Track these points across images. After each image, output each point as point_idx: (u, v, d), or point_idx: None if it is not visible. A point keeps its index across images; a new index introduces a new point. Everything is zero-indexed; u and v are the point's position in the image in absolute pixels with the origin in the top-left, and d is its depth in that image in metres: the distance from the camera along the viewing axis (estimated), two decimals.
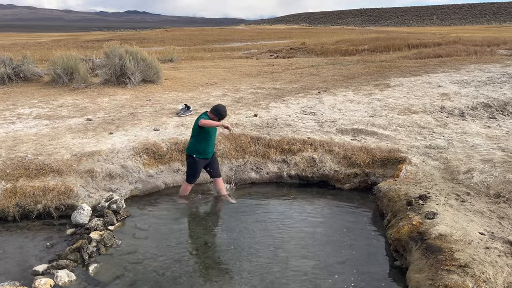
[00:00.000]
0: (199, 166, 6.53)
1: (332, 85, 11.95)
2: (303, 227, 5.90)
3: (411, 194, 5.75)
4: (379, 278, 4.78)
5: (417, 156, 6.95)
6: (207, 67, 17.16)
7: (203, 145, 6.39)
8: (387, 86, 11.23)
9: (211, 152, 6.56)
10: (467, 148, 7.04)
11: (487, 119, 8.61)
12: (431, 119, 8.55)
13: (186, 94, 11.47)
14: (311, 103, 9.99)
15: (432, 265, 4.28)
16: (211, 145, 6.48)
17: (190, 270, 4.93)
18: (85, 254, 4.94)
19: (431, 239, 4.57)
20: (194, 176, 6.63)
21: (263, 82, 13.12)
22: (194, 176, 6.64)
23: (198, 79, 13.83)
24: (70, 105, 10.33)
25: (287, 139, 7.88)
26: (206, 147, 6.41)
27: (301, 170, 7.45)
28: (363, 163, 7.24)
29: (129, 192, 6.82)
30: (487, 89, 10.06)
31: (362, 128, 8.26)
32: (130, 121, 8.87)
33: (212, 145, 6.52)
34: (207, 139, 6.40)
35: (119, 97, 11.16)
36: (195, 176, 6.64)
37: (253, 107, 9.87)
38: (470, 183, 5.80)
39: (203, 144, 6.38)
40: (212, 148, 6.54)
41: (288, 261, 5.12)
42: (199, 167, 6.53)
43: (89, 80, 12.57)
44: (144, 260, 5.10)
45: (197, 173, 6.62)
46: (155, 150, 7.49)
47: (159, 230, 5.80)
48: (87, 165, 6.88)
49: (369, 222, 6.08)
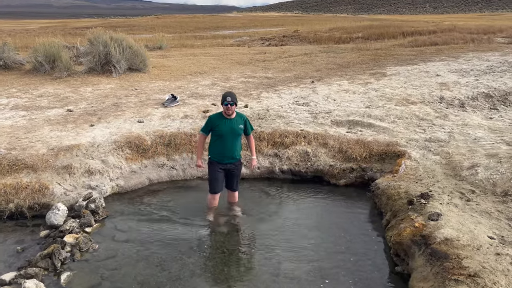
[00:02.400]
0: (215, 170, 5.53)
1: (326, 74, 11.49)
2: (296, 228, 5.49)
3: (412, 192, 5.36)
4: (378, 285, 4.40)
5: (417, 150, 6.56)
6: (197, 55, 16.60)
7: (217, 148, 5.51)
8: (383, 75, 10.81)
9: (230, 158, 5.53)
10: (469, 142, 6.65)
11: (488, 110, 8.23)
12: (430, 110, 8.15)
13: (174, 83, 10.96)
14: (304, 93, 9.54)
15: (438, 274, 3.90)
16: (227, 149, 5.47)
17: (173, 278, 4.50)
18: (57, 261, 4.49)
19: (436, 244, 4.19)
20: (211, 182, 5.61)
21: (254, 70, 12.63)
22: (211, 183, 5.62)
23: (187, 68, 13.29)
24: (50, 95, 9.78)
25: (279, 131, 7.45)
26: (221, 150, 5.48)
27: (294, 164, 7.03)
28: (359, 157, 6.83)
29: (110, 190, 6.36)
30: (487, 79, 9.67)
31: (358, 120, 7.84)
32: (113, 112, 8.37)
33: (229, 150, 5.48)
34: (220, 142, 5.46)
35: (103, 87, 10.62)
36: (212, 183, 5.61)
37: (243, 97, 9.40)
38: (474, 180, 5.42)
39: (217, 147, 5.50)
40: (230, 153, 5.50)
41: (280, 266, 4.72)
42: (215, 171, 5.53)
43: (72, 69, 11.99)
44: (123, 266, 4.66)
45: (215, 180, 5.57)
46: (138, 144, 7.02)
47: (141, 232, 5.36)
48: (64, 161, 6.40)
49: (366, 222, 5.69)
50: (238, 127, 5.47)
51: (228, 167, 5.56)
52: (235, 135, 5.47)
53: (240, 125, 5.48)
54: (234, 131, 5.45)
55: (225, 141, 5.43)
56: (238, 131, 5.49)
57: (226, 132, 5.40)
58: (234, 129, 5.44)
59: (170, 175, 6.93)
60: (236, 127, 5.45)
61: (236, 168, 5.67)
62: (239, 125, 5.48)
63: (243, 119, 5.59)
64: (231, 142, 5.46)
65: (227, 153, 5.48)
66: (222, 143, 5.45)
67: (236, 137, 5.49)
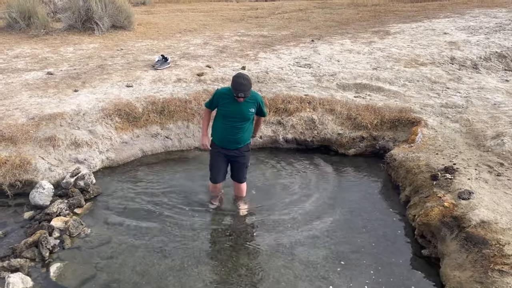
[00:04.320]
0: (216, 154, 4.72)
1: (325, 32, 10.76)
2: (307, 207, 5.03)
3: (434, 165, 4.90)
4: (405, 271, 4.00)
5: (433, 117, 6.06)
6: (184, 10, 15.55)
7: (219, 129, 4.61)
8: (387, 34, 10.14)
9: (233, 143, 4.61)
10: (489, 107, 6.18)
11: (503, 71, 7.72)
12: (442, 72, 7.60)
13: (162, 43, 10.13)
14: (305, 53, 8.87)
15: (476, 262, 3.50)
16: (230, 134, 4.54)
17: (177, 267, 4.04)
18: (44, 251, 3.97)
19: (472, 227, 3.77)
20: (211, 169, 4.83)
21: (248, 28, 11.81)
22: (211, 169, 4.83)
23: (175, 25, 12.37)
24: (27, 56, 8.92)
25: (282, 96, 6.85)
26: (223, 133, 4.59)
27: (299, 133, 6.50)
28: (370, 124, 6.32)
29: (100, 163, 5.77)
30: (498, 37, 9.11)
31: (366, 83, 7.26)
32: (99, 75, 7.63)
33: (232, 135, 4.55)
34: (223, 124, 4.55)
35: (86, 46, 9.75)
36: (212, 170, 4.83)
37: (239, 57, 8.70)
38: (501, 151, 4.98)
39: (219, 129, 4.61)
40: (233, 138, 4.57)
41: (294, 251, 4.29)
42: (216, 155, 4.73)
43: (50, 26, 11.00)
44: (120, 254, 4.17)
45: (215, 167, 4.78)
46: (129, 111, 6.37)
47: (137, 213, 4.83)
48: (47, 131, 5.75)
49: (382, 197, 5.26)
50: (249, 110, 4.47)
51: (232, 153, 4.66)
52: (242, 120, 4.49)
53: (251, 109, 4.48)
54: (242, 115, 4.47)
55: (229, 124, 4.50)
56: (247, 115, 4.49)
57: (232, 114, 4.46)
58: (243, 112, 4.46)
59: (165, 145, 6.35)
60: (245, 111, 4.46)
61: (242, 156, 4.70)
62: (250, 109, 4.47)
63: (257, 101, 4.52)
64: (236, 126, 4.51)
65: (229, 137, 4.57)
66: (226, 125, 4.52)
67: (243, 121, 4.51)
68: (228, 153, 4.66)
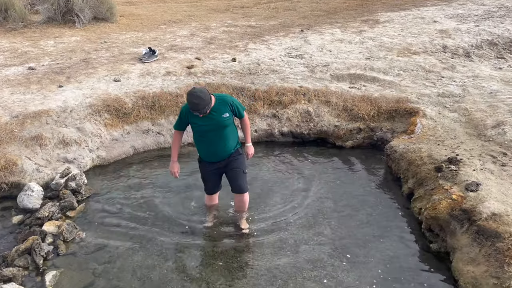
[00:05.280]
0: (206, 171, 4.31)
1: (314, 21, 10.58)
2: (308, 201, 4.89)
3: (437, 156, 4.81)
4: (414, 266, 3.91)
5: (431, 107, 5.98)
6: (166, 1, 15.13)
7: (203, 147, 4.20)
8: (377, 23, 10.02)
9: (219, 155, 4.17)
10: (486, 96, 6.12)
11: (495, 59, 7.68)
12: (435, 60, 7.53)
13: (148, 35, 9.81)
14: (295, 43, 8.69)
15: (490, 256, 3.42)
16: (217, 148, 4.12)
17: (180, 269, 3.87)
18: (38, 258, 3.74)
19: (483, 220, 3.68)
20: (204, 183, 4.47)
21: (235, 18, 11.55)
22: (204, 184, 4.47)
23: (159, 16, 12.02)
24: (6, 50, 8.52)
25: (276, 88, 6.67)
26: (209, 150, 4.16)
27: (295, 126, 6.34)
28: (367, 115, 6.20)
29: (90, 162, 5.53)
30: (487, 25, 9.07)
31: (360, 73, 7.14)
32: (84, 69, 7.32)
33: (220, 148, 4.13)
34: (204, 142, 4.14)
35: (67, 39, 9.38)
36: (205, 183, 4.45)
37: (229, 49, 8.47)
38: (503, 141, 4.92)
39: (203, 147, 4.20)
40: (222, 151, 4.15)
41: (298, 249, 4.16)
42: (206, 172, 4.32)
43: (28, 19, 10.55)
44: (118, 258, 3.97)
45: (208, 181, 4.41)
46: (118, 107, 6.12)
47: (133, 214, 4.62)
48: (32, 130, 5.47)
49: (383, 190, 5.16)
50: (222, 117, 3.98)
51: (222, 165, 4.22)
52: (221, 129, 4.03)
53: (224, 114, 3.98)
54: (218, 124, 3.99)
55: (209, 139, 4.06)
56: (224, 123, 4.01)
57: (206, 128, 3.99)
58: (217, 121, 3.98)
59: (157, 142, 6.12)
60: (219, 119, 3.97)
61: (234, 159, 4.22)
62: (223, 115, 3.98)
63: (228, 103, 4.03)
64: (218, 138, 4.06)
65: (218, 152, 4.14)
66: (206, 141, 4.09)
67: (223, 130, 4.04)
68: (218, 166, 4.23)
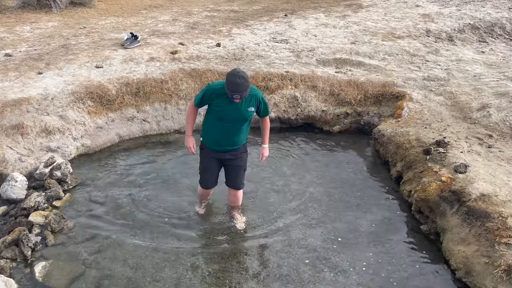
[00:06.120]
0: (208, 157, 4.04)
1: (298, 6, 10.49)
2: (297, 187, 4.89)
3: (424, 139, 4.86)
4: (405, 248, 3.97)
5: (417, 91, 6.02)
6: None
7: (212, 132, 3.92)
8: (360, 7, 10.01)
9: (227, 147, 3.93)
10: (470, 79, 6.20)
11: (477, 43, 7.77)
12: (419, 44, 7.57)
13: (128, 20, 9.57)
14: (280, 28, 8.61)
15: (480, 236, 3.49)
16: (226, 137, 3.88)
17: (171, 258, 3.82)
18: (26, 249, 3.64)
19: (472, 201, 3.74)
20: (202, 172, 4.17)
21: (217, 3, 11.36)
22: (202, 173, 4.17)
23: (138, 1, 11.72)
24: None
25: (262, 74, 6.60)
26: (217, 137, 3.89)
27: (283, 111, 6.31)
28: (354, 100, 6.21)
29: (75, 151, 5.38)
30: (469, 9, 9.16)
31: (346, 58, 7.12)
32: (64, 56, 7.09)
33: (228, 138, 3.88)
34: (217, 127, 3.85)
35: (44, 25, 9.06)
36: (203, 174, 4.17)
37: (212, 34, 8.33)
38: (488, 123, 5.00)
39: (213, 132, 3.91)
40: (229, 141, 3.90)
41: (290, 234, 4.16)
42: (207, 158, 4.05)
43: (2, 4, 10.14)
44: (108, 247, 3.90)
45: (207, 171, 4.12)
46: (101, 94, 5.96)
47: (121, 202, 4.53)
48: (13, 119, 5.28)
49: (372, 173, 5.20)
50: (247, 110, 3.76)
51: (226, 156, 3.98)
52: (241, 121, 3.82)
53: (250, 108, 3.76)
54: (241, 116, 3.77)
55: (225, 127, 3.82)
56: (247, 116, 3.80)
57: (228, 116, 3.75)
58: (241, 113, 3.75)
59: (143, 129, 6.01)
60: (244, 111, 3.75)
61: (238, 158, 4.01)
62: (249, 108, 3.76)
63: (257, 98, 3.79)
64: (233, 129, 3.84)
65: (223, 141, 3.90)
66: (221, 128, 3.83)
67: (242, 123, 3.84)
68: (221, 157, 4.00)
